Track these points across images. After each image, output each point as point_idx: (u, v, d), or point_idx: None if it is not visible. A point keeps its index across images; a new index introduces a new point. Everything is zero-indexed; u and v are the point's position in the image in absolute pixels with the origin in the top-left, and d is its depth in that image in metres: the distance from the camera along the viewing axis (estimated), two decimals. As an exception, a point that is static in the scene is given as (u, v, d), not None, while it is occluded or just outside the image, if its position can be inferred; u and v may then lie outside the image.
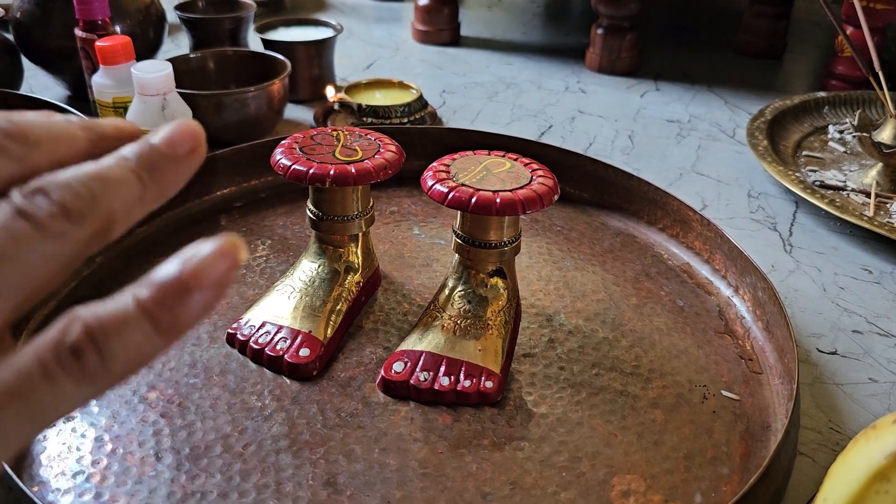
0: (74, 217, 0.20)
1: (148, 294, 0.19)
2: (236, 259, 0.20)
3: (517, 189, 0.48)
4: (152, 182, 0.22)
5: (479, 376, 0.49)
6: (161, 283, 0.20)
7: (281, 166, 0.51)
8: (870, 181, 0.79)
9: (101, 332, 0.19)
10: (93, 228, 0.20)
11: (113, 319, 0.19)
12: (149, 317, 0.19)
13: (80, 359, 0.19)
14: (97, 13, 0.76)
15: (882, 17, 0.96)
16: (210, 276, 0.20)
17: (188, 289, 0.20)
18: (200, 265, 0.20)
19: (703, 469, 0.45)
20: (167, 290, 0.19)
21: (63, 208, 0.20)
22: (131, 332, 0.19)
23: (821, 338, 0.59)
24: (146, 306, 0.19)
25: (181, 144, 0.23)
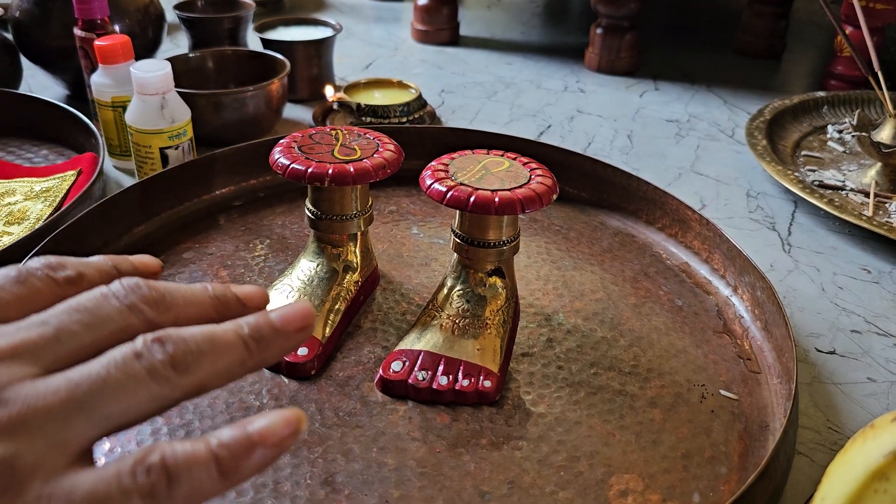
0: (181, 368, 0.24)
1: (219, 444, 0.24)
2: (298, 429, 0.24)
3: (516, 188, 0.48)
4: (258, 351, 0.26)
5: (478, 375, 0.49)
6: (232, 437, 0.24)
7: (279, 165, 0.51)
8: (869, 181, 0.79)
9: (174, 463, 0.23)
10: (195, 380, 0.25)
11: (186, 455, 0.23)
12: (216, 460, 0.23)
13: (152, 480, 0.22)
14: (96, 12, 0.76)
15: (881, 16, 0.96)
16: (273, 438, 0.24)
17: (253, 445, 0.24)
18: (268, 428, 0.24)
19: (701, 468, 0.45)
20: (236, 442, 0.24)
21: (173, 359, 0.24)
22: (199, 470, 0.23)
23: (819, 337, 0.59)
24: (216, 452, 0.23)
25: (292, 323, 0.27)
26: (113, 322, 0.26)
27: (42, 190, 0.71)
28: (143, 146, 0.69)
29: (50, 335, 0.25)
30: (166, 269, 0.61)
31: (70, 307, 0.26)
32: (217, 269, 0.61)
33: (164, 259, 0.62)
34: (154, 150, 0.69)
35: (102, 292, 0.26)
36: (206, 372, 0.25)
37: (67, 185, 0.71)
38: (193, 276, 0.60)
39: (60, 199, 0.69)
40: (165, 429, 0.46)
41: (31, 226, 0.65)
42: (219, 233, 0.66)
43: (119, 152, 0.77)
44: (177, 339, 0.25)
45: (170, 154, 0.70)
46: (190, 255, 0.62)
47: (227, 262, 0.62)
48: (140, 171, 0.71)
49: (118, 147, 0.77)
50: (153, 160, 0.70)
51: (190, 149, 0.72)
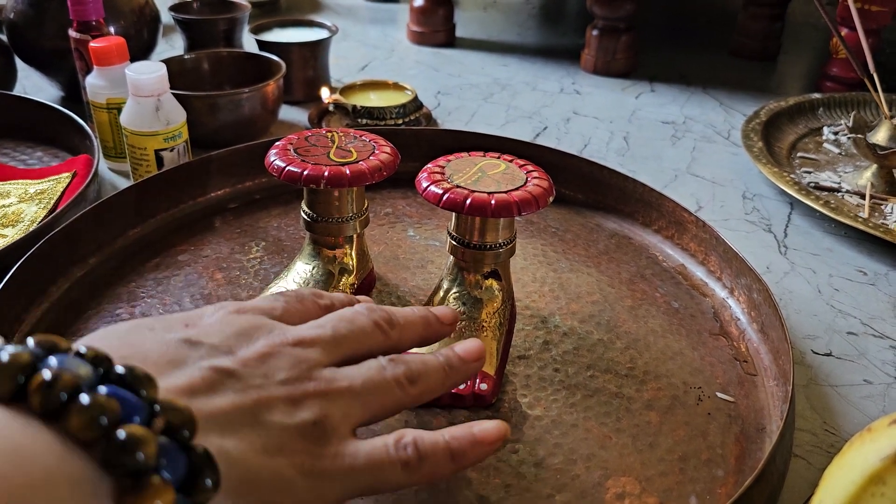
0: (412, 381, 0.36)
1: (452, 435, 0.35)
2: (504, 437, 0.36)
3: (512, 191, 0.48)
4: (452, 374, 0.38)
5: (474, 378, 0.48)
6: (462, 433, 0.35)
7: (275, 168, 0.51)
8: (864, 183, 0.79)
9: (423, 444, 0.34)
10: (420, 390, 0.36)
11: (432, 440, 0.34)
12: (449, 448, 0.34)
13: (409, 454, 0.33)
14: (91, 14, 0.75)
15: (877, 18, 0.96)
16: (489, 439, 0.36)
17: (476, 441, 0.35)
18: (487, 431, 0.36)
19: (697, 471, 0.45)
20: (464, 437, 0.35)
21: (408, 375, 0.36)
22: (438, 453, 0.34)
23: (815, 339, 0.59)
24: (450, 442, 0.35)
25: (472, 354, 0.40)
26: (364, 330, 0.37)
27: (37, 192, 0.70)
28: (138, 148, 0.69)
29: (329, 335, 0.35)
30: (161, 271, 0.60)
31: (338, 317, 0.37)
32: (212, 272, 0.60)
33: (160, 261, 0.61)
34: (149, 152, 0.69)
35: (356, 310, 0.38)
36: (426, 386, 0.36)
37: (62, 187, 0.71)
38: (188, 279, 0.59)
39: (55, 201, 0.69)
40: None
41: (25, 228, 0.65)
42: (214, 235, 0.66)
43: (114, 154, 0.77)
44: (407, 361, 0.36)
45: (165, 156, 0.69)
46: (185, 258, 0.62)
47: (223, 264, 0.62)
48: (135, 173, 0.71)
49: (113, 149, 0.77)
50: (148, 162, 0.69)
51: (185, 151, 0.71)
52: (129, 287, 0.58)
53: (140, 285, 0.59)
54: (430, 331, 0.41)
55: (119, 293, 0.58)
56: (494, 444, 0.36)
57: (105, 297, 0.57)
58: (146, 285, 0.59)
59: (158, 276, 0.60)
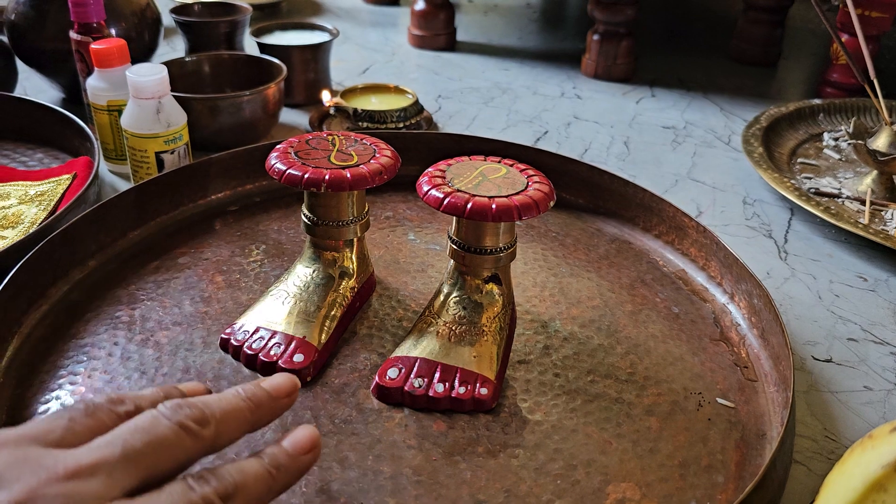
0: (227, 498, 0.30)
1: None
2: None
3: (513, 195, 0.48)
4: (280, 476, 0.32)
5: (474, 383, 0.48)
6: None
7: (276, 171, 0.51)
8: (865, 189, 0.79)
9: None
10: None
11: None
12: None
13: None
14: (92, 16, 0.75)
15: (877, 25, 0.96)
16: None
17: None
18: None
19: (698, 477, 0.45)
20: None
21: (222, 492, 0.30)
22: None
23: (816, 345, 0.59)
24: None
25: (303, 448, 0.34)
26: (166, 439, 0.30)
27: (37, 194, 0.70)
28: (138, 150, 0.69)
29: (117, 454, 0.28)
30: (161, 273, 0.60)
31: (132, 427, 0.30)
32: (212, 275, 0.60)
33: (160, 264, 0.61)
34: (150, 154, 0.69)
35: (154, 414, 0.31)
36: (244, 497, 0.31)
37: (62, 188, 0.71)
38: (188, 281, 0.59)
39: (55, 203, 0.69)
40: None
41: (25, 230, 0.65)
42: (214, 238, 0.66)
43: (114, 156, 0.77)
44: (221, 476, 0.30)
45: (165, 158, 0.69)
46: (185, 260, 0.62)
47: (223, 267, 0.61)
48: (135, 175, 0.71)
49: (113, 151, 0.77)
50: (149, 164, 0.69)
51: (186, 153, 0.71)
52: (129, 289, 0.58)
53: (140, 287, 0.59)
54: (259, 413, 0.34)
55: (119, 295, 0.58)
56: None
57: (105, 300, 0.57)
58: (146, 288, 0.59)
59: (158, 279, 0.60)
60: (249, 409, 0.33)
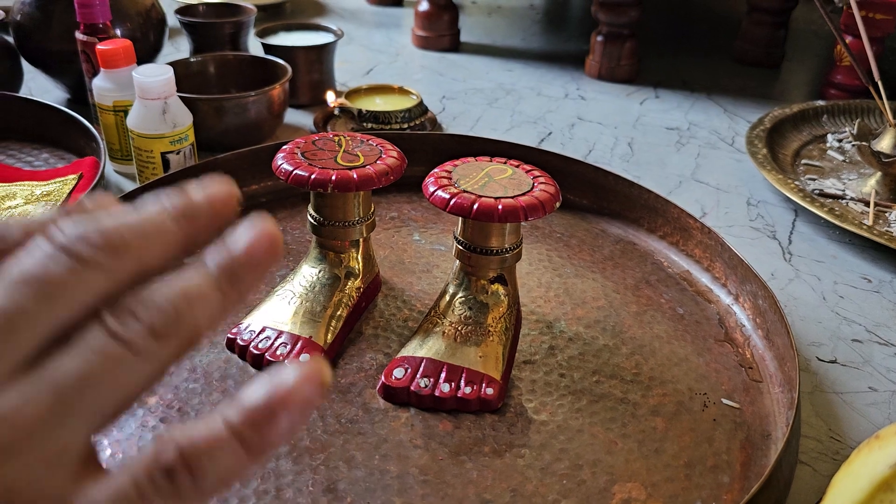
0: (163, 337, 0.21)
1: (238, 418, 0.21)
2: (322, 384, 0.22)
3: (519, 196, 0.48)
4: (232, 290, 0.23)
5: (480, 383, 0.49)
6: (250, 407, 0.21)
7: (283, 171, 0.51)
8: (869, 190, 0.79)
9: (194, 454, 0.20)
10: (179, 344, 0.22)
11: (205, 441, 0.20)
12: (239, 439, 0.21)
13: (174, 480, 0.20)
14: (98, 16, 0.76)
15: (881, 26, 0.96)
16: (297, 400, 0.21)
17: (276, 413, 0.21)
18: (288, 391, 0.21)
19: (703, 477, 0.45)
20: (256, 414, 0.21)
21: (152, 330, 0.21)
22: (222, 454, 0.20)
23: (820, 346, 0.59)
24: (236, 429, 0.21)
25: (259, 249, 0.23)
26: (68, 286, 0.21)
27: (43, 194, 0.70)
28: (144, 150, 0.69)
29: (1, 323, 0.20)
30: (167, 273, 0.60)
31: (12, 279, 0.20)
32: (218, 275, 0.60)
33: (165, 264, 0.61)
34: (155, 154, 0.69)
35: (44, 250, 0.21)
36: (188, 330, 0.22)
37: (68, 188, 0.71)
38: (194, 282, 0.59)
39: (61, 203, 0.69)
40: (167, 435, 0.46)
41: (31, 230, 0.65)
42: (220, 238, 0.66)
43: (120, 156, 0.77)
44: (150, 306, 0.21)
45: (171, 159, 0.70)
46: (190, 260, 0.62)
47: (229, 267, 0.62)
48: (141, 175, 0.71)
49: (119, 151, 0.77)
50: (154, 165, 0.70)
51: (191, 154, 0.72)
52: (136, 289, 0.58)
53: (146, 287, 0.59)
54: (191, 227, 0.24)
55: (125, 295, 0.58)
56: (309, 405, 0.22)
57: (111, 299, 0.57)
58: (152, 288, 0.59)
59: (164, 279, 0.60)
60: (179, 227, 0.24)
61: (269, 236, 0.24)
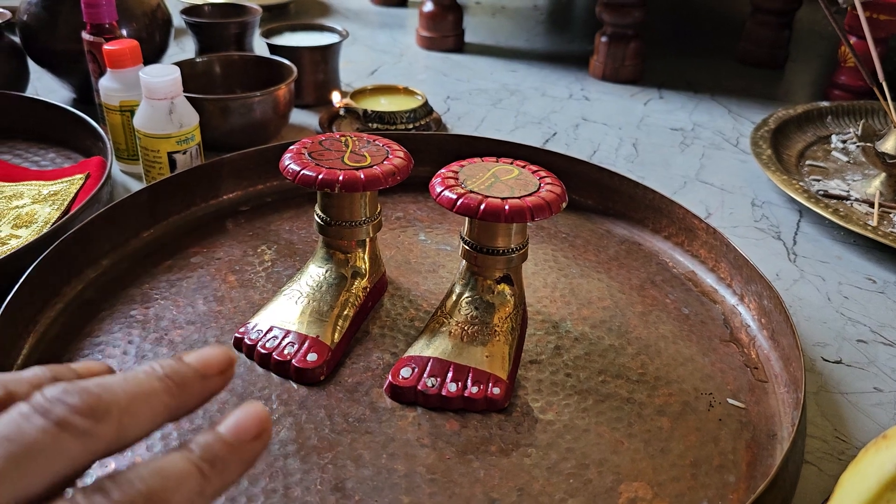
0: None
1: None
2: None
3: (525, 196, 0.48)
4: (215, 475, 0.22)
5: (487, 382, 0.49)
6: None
7: (290, 171, 0.51)
8: (873, 191, 0.79)
9: None
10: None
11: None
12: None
13: None
14: (104, 17, 0.76)
15: (886, 27, 0.97)
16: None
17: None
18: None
19: (709, 477, 0.45)
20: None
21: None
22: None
23: (825, 347, 0.59)
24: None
25: (247, 432, 0.23)
26: (39, 446, 0.20)
27: (50, 193, 0.71)
28: (151, 150, 0.69)
29: None
30: (174, 272, 0.61)
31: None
32: (225, 274, 0.61)
33: (172, 263, 0.62)
34: (162, 154, 0.69)
35: (21, 411, 0.21)
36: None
37: (75, 188, 0.71)
38: (201, 281, 0.60)
39: (68, 202, 0.69)
40: (175, 433, 0.46)
41: (38, 229, 0.65)
42: (226, 237, 0.66)
43: (127, 156, 0.78)
44: (123, 486, 0.20)
45: (177, 158, 0.70)
46: (198, 260, 0.63)
47: (235, 266, 0.62)
48: (148, 175, 0.71)
49: (126, 151, 0.77)
50: (161, 164, 0.70)
51: (198, 153, 0.72)
52: (143, 288, 0.59)
53: (153, 287, 0.59)
54: (181, 397, 0.24)
55: (132, 294, 0.58)
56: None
57: (119, 298, 0.57)
58: (159, 287, 0.59)
59: (171, 278, 0.60)
60: (168, 392, 0.23)
61: (259, 422, 0.24)
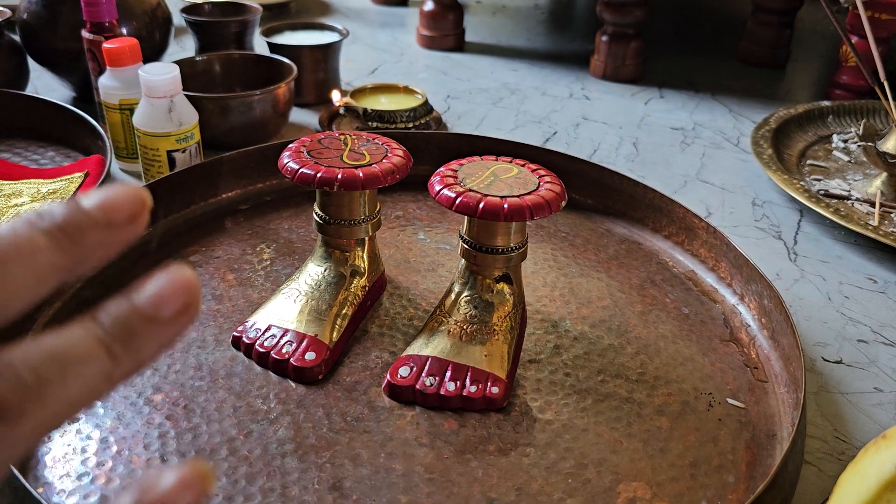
0: (11, 414, 0.16)
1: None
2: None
3: (525, 195, 0.48)
4: (127, 356, 0.18)
5: (485, 382, 0.49)
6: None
7: (289, 170, 0.51)
8: (874, 191, 0.79)
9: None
10: (37, 424, 0.17)
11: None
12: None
13: None
14: (104, 15, 0.76)
15: (887, 27, 0.96)
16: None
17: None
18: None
19: (708, 477, 0.45)
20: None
21: (10, 402, 0.16)
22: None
23: (826, 346, 0.59)
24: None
25: (170, 303, 0.18)
26: None
27: (49, 192, 0.71)
28: (150, 149, 0.69)
29: None
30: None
31: None
32: (224, 273, 0.61)
33: (171, 262, 0.62)
34: (161, 152, 0.69)
35: None
36: (57, 403, 0.17)
37: (74, 187, 0.71)
38: (200, 279, 0.60)
39: (67, 200, 0.69)
40: (173, 432, 0.46)
41: (37, 227, 0.65)
42: (225, 236, 0.66)
43: (126, 155, 0.77)
44: (3, 372, 0.17)
45: (177, 157, 0.70)
46: (196, 259, 0.62)
47: (234, 265, 0.62)
48: (147, 173, 0.71)
49: (125, 149, 0.77)
50: (160, 163, 0.70)
51: (197, 152, 0.72)
52: (141, 287, 0.59)
53: (152, 285, 0.59)
54: (77, 253, 0.18)
55: (131, 293, 0.58)
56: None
57: (117, 297, 0.57)
58: (158, 285, 0.59)
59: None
60: (56, 246, 0.18)
61: (186, 290, 0.18)
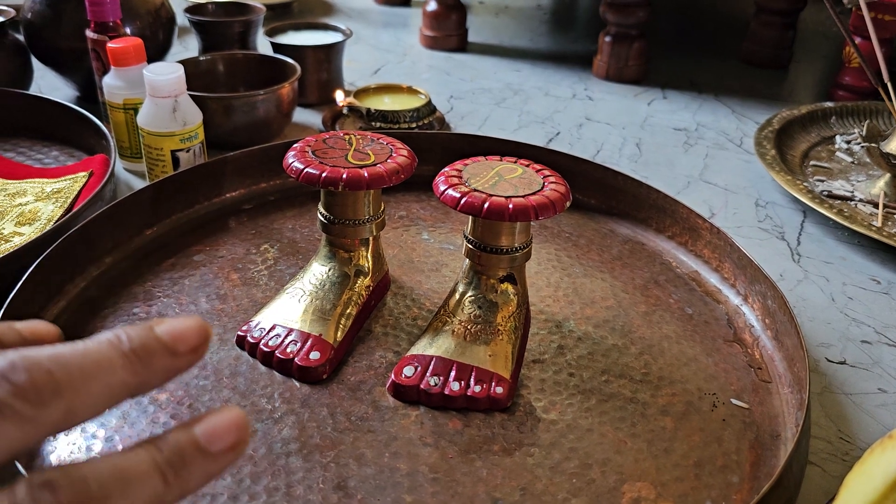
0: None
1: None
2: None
3: (529, 195, 0.48)
4: (178, 482, 0.20)
5: (490, 381, 0.49)
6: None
7: (294, 169, 0.51)
8: (878, 192, 0.79)
9: None
10: None
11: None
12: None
13: None
14: (109, 15, 0.76)
15: (890, 28, 0.96)
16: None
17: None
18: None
19: (713, 477, 0.45)
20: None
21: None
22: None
23: (829, 347, 0.59)
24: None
25: (224, 441, 0.21)
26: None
27: (53, 191, 0.71)
28: (154, 148, 0.69)
29: None
30: (177, 270, 0.61)
31: None
32: (228, 272, 0.61)
33: (175, 261, 0.62)
34: (165, 152, 0.69)
35: None
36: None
37: (79, 186, 0.71)
38: (204, 279, 0.60)
39: (72, 200, 0.69)
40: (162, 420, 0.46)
41: (42, 227, 0.65)
42: (229, 236, 0.66)
43: (130, 154, 0.77)
44: (74, 481, 0.18)
45: (181, 157, 0.70)
46: (200, 258, 0.63)
47: (238, 264, 0.62)
48: (151, 173, 0.71)
49: (129, 149, 0.77)
50: (164, 163, 0.70)
51: (201, 151, 0.72)
52: (146, 286, 0.59)
53: (156, 285, 0.59)
54: (144, 374, 0.21)
55: (135, 292, 0.58)
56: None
57: (122, 296, 0.57)
58: (162, 285, 0.59)
59: (174, 276, 0.60)
60: (129, 369, 0.20)
61: (237, 426, 0.21)
